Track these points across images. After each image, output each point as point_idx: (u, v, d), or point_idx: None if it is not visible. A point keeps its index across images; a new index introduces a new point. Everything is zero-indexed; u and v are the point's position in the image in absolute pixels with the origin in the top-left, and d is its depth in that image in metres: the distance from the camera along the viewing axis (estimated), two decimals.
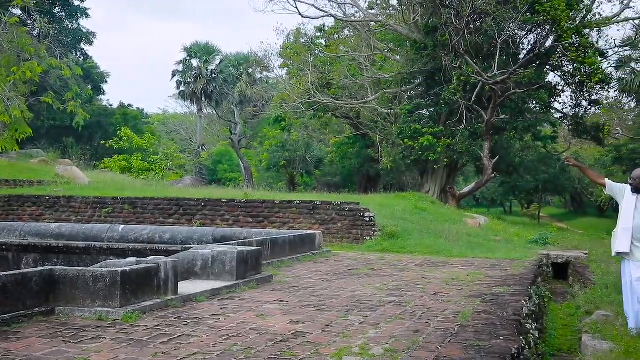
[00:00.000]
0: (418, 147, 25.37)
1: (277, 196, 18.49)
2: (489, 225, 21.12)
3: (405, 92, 29.23)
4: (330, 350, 5.12)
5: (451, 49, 24.61)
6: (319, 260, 11.80)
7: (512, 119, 27.09)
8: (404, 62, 27.94)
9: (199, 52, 52.69)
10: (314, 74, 29.63)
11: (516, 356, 5.32)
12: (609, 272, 12.18)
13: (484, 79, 23.78)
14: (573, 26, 24.60)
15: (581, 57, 24.35)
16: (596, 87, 26.21)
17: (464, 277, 9.80)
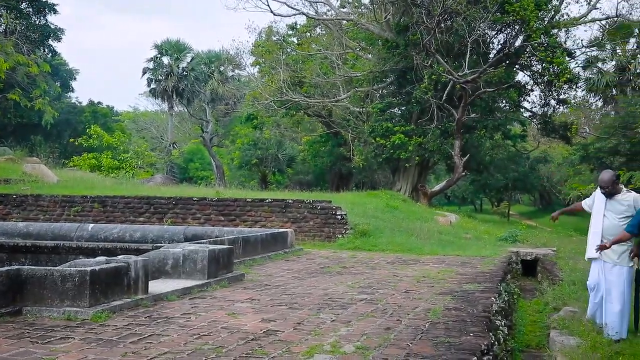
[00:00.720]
0: (390, 145, 25.49)
1: (249, 194, 18.45)
2: (459, 223, 21.31)
3: (377, 90, 29.35)
4: (301, 348, 5.12)
5: (422, 47, 24.77)
6: (291, 259, 11.79)
7: (482, 117, 27.39)
8: (376, 60, 28.03)
9: (170, 49, 52.22)
10: (286, 72, 29.58)
11: (485, 352, 5.38)
12: (577, 268, 12.38)
13: (455, 78, 23.98)
14: (542, 26, 24.93)
15: (549, 57, 24.68)
16: (564, 86, 26.60)
17: (434, 275, 9.87)
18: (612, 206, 7.23)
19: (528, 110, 31.47)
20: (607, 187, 7.22)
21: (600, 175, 7.47)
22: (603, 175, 7.40)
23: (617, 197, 7.23)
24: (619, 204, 7.21)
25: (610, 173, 7.41)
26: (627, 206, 7.15)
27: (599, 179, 7.40)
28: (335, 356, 4.90)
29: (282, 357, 4.85)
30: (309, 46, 33.05)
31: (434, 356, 4.92)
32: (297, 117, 33.85)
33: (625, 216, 7.13)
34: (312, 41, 34.09)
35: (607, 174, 7.36)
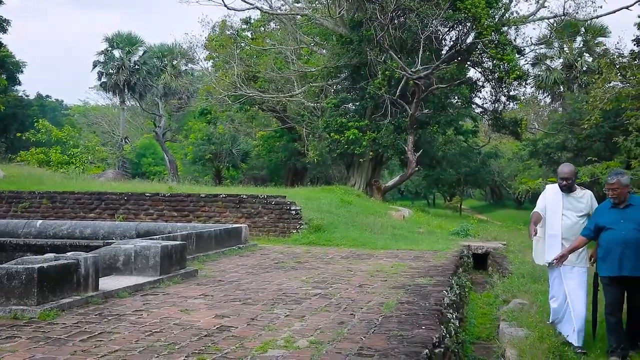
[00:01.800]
0: (344, 140, 25.60)
1: (203, 190, 18.30)
2: (413, 218, 21.54)
3: (332, 85, 29.41)
4: (255, 343, 5.11)
5: (376, 43, 24.93)
6: (245, 254, 11.74)
7: (435, 113, 27.73)
8: (330, 56, 28.08)
9: (121, 42, 51.31)
10: (240, 66, 29.39)
11: (437, 345, 5.45)
12: (525, 261, 12.67)
13: (408, 74, 24.20)
14: (492, 24, 25.37)
15: (500, 54, 25.14)
16: (514, 83, 27.15)
17: (388, 269, 9.96)
18: (571, 204, 6.89)
19: (479, 106, 32.01)
20: (569, 180, 6.84)
21: (559, 168, 7.06)
22: (563, 168, 7.02)
23: (574, 194, 6.92)
24: (578, 201, 6.91)
25: (571, 165, 7.12)
26: (585, 204, 6.89)
27: (560, 172, 6.96)
28: (289, 351, 4.90)
29: (235, 352, 4.83)
30: (263, 41, 32.92)
31: (386, 349, 4.97)
32: (251, 112, 33.72)
33: (584, 214, 6.88)
34: (266, 36, 33.97)
35: (567, 166, 7.04)
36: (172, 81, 44.69)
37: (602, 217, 6.54)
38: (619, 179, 6.36)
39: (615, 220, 6.38)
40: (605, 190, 6.52)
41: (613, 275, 6.33)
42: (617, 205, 6.45)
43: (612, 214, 6.47)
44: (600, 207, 6.77)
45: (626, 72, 20.45)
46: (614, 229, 6.35)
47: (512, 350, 6.27)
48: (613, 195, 6.43)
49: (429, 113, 27.35)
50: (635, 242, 6.21)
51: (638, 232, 6.25)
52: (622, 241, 6.24)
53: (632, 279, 6.25)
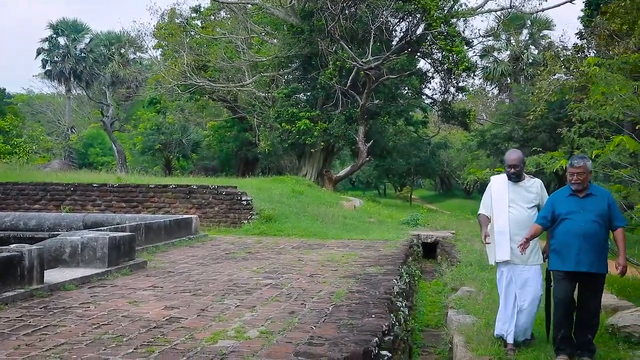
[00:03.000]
0: (295, 130, 25.57)
1: (152, 180, 18.06)
2: (364, 208, 21.71)
3: (283, 75, 29.31)
4: (205, 334, 5.08)
5: (327, 33, 24.94)
6: (196, 245, 11.65)
7: (385, 104, 27.95)
8: (281, 45, 27.95)
9: (66, 29, 49.98)
10: (190, 55, 28.99)
11: (386, 333, 5.52)
12: (473, 250, 12.93)
13: (359, 64, 24.30)
14: (442, 15, 25.66)
15: (449, 46, 25.46)
16: (463, 74, 27.53)
17: (339, 258, 10.02)
18: (519, 194, 6.19)
19: (429, 97, 32.41)
20: (517, 167, 6.16)
21: (507, 155, 6.38)
22: (510, 154, 6.34)
23: (522, 183, 6.24)
24: (527, 191, 6.23)
25: (519, 151, 6.47)
26: (535, 194, 6.22)
27: (507, 159, 6.28)
28: (240, 341, 4.89)
29: (184, 344, 4.79)
30: (214, 30, 32.53)
31: (336, 338, 5.00)
32: (201, 102, 33.32)
33: (534, 205, 6.20)
34: (216, 25, 33.56)
35: (515, 153, 6.38)
36: (120, 70, 43.75)
37: (560, 206, 5.85)
38: (586, 162, 5.75)
39: (574, 210, 5.73)
40: (568, 175, 5.83)
41: (568, 270, 5.69)
42: (577, 193, 5.78)
43: (570, 202, 5.79)
44: (557, 194, 6.04)
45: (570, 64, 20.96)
46: (571, 219, 5.70)
47: (459, 337, 6.38)
48: (577, 181, 5.73)
49: (380, 103, 27.55)
50: (594, 235, 5.62)
51: (597, 225, 5.65)
52: (580, 233, 5.62)
53: (586, 275, 5.64)
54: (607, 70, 10.50)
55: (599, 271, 5.68)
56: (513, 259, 6.08)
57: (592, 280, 5.70)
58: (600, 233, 5.67)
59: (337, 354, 4.53)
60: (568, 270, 5.70)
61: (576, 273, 5.67)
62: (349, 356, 4.53)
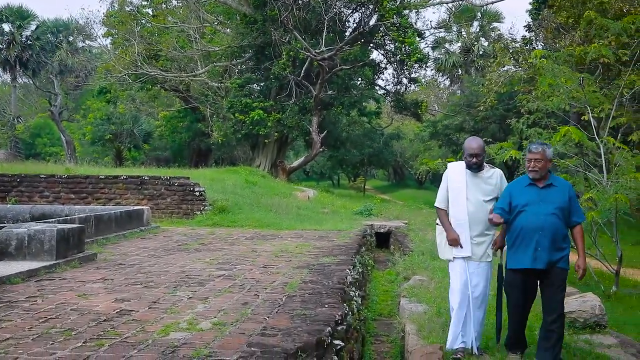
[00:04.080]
0: (249, 121, 25.43)
1: (103, 171, 17.72)
2: (317, 198, 21.78)
3: (236, 65, 29.08)
4: (156, 327, 5.02)
5: (280, 23, 24.83)
6: (147, 237, 11.50)
7: (339, 94, 28.02)
8: (234, 35, 27.73)
9: (11, 16, 48.48)
10: (141, 44, 28.48)
11: (339, 322, 5.56)
12: (426, 239, 13.12)
13: (312, 55, 24.28)
14: (394, 6, 25.80)
15: (401, 37, 25.65)
16: (415, 65, 27.83)
17: (292, 249, 10.03)
18: (477, 186, 5.70)
19: (382, 88, 32.66)
20: (480, 156, 5.65)
21: (467, 143, 5.78)
22: (471, 142, 5.76)
23: (481, 174, 5.74)
24: (485, 182, 5.74)
25: (479, 139, 5.86)
26: (494, 185, 5.74)
27: (467, 148, 5.71)
28: (192, 333, 4.85)
29: (135, 337, 4.73)
30: (165, 18, 31.99)
31: (289, 329, 5.02)
32: (153, 92, 32.80)
33: (492, 197, 5.71)
34: (168, 13, 32.99)
35: (476, 140, 5.80)
36: (68, 58, 42.68)
37: (517, 196, 5.41)
38: (544, 149, 5.34)
39: (532, 201, 5.31)
40: (526, 162, 5.44)
41: (525, 267, 5.30)
42: (537, 183, 5.36)
43: (529, 193, 5.37)
44: (515, 183, 5.62)
45: (518, 56, 21.40)
46: (529, 211, 5.28)
47: (411, 325, 6.47)
48: (534, 168, 5.32)
49: (333, 94, 27.61)
50: (553, 229, 5.22)
51: (557, 218, 5.25)
52: (538, 227, 5.21)
53: (546, 272, 5.27)
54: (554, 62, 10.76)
55: (559, 266, 5.25)
56: (476, 253, 5.67)
57: (553, 277, 5.26)
58: (560, 227, 5.27)
59: (290, 344, 4.55)
60: (524, 267, 5.28)
61: (534, 270, 5.27)
62: (301, 346, 4.54)
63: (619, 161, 10.32)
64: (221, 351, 4.37)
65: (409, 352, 5.75)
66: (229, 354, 4.31)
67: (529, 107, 12.15)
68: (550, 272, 5.26)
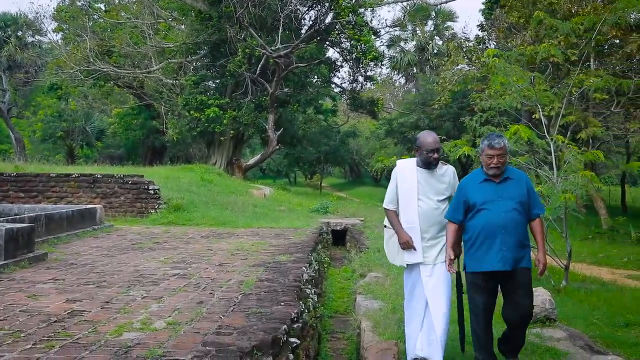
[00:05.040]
0: (204, 118, 25.20)
1: (54, 169, 17.33)
2: (274, 196, 21.74)
3: (191, 62, 28.79)
4: (109, 327, 4.94)
5: (236, 20, 24.68)
6: (100, 236, 11.30)
7: (295, 92, 28.02)
8: (189, 32, 27.45)
9: None
10: (93, 40, 27.95)
11: (295, 320, 5.56)
12: (381, 236, 13.13)
13: (268, 52, 24.21)
14: (350, 4, 25.88)
15: (357, 35, 25.76)
16: (370, 63, 27.98)
17: (248, 247, 9.99)
18: (430, 184, 5.22)
19: (338, 86, 32.73)
20: (440, 150, 5.20)
21: (423, 139, 5.22)
22: (427, 137, 5.22)
23: (434, 172, 5.24)
24: (439, 181, 5.25)
25: (434, 133, 5.32)
26: (447, 183, 5.26)
27: (424, 143, 5.16)
28: (145, 333, 4.79)
29: (87, 337, 4.65)
30: (118, 14, 31.48)
31: (245, 327, 4.99)
32: (106, 88, 32.24)
33: (446, 197, 5.25)
34: (121, 9, 32.50)
35: (432, 135, 5.26)
36: (17, 53, 41.61)
37: (474, 194, 4.94)
38: (505, 142, 4.91)
39: (491, 198, 4.87)
40: (486, 158, 4.90)
41: (490, 270, 4.82)
42: (493, 179, 4.91)
43: (485, 189, 4.92)
44: (468, 180, 5.10)
45: (472, 55, 21.74)
46: (489, 209, 4.84)
47: (367, 322, 6.51)
48: (497, 164, 4.86)
49: (290, 92, 27.58)
50: (515, 226, 4.82)
51: (518, 213, 4.84)
52: (500, 225, 4.78)
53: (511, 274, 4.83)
54: (506, 61, 10.94)
55: (524, 265, 4.84)
56: (424, 259, 5.21)
57: (518, 277, 4.84)
58: (521, 222, 4.87)
59: (246, 343, 4.53)
60: (490, 270, 4.81)
61: (499, 273, 4.82)
62: (257, 344, 4.53)
63: (568, 159, 10.56)
64: (175, 351, 4.32)
65: (364, 349, 5.78)
66: (184, 353, 4.27)
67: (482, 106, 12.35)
68: (514, 273, 4.81)
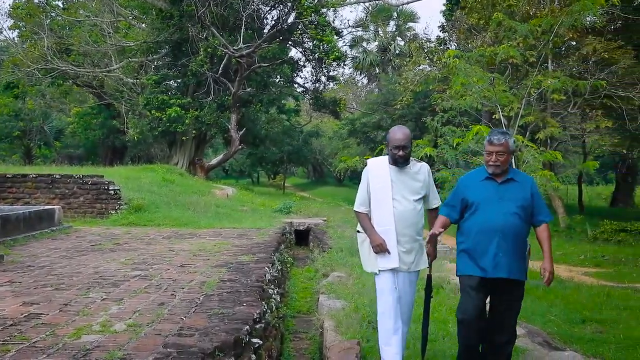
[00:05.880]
0: (166, 118, 24.95)
1: (10, 169, 16.98)
2: (237, 196, 21.65)
3: (152, 61, 28.46)
4: (68, 330, 4.85)
5: (197, 19, 24.50)
6: (59, 237, 11.10)
7: (258, 92, 27.92)
8: (150, 30, 27.12)
9: None
10: (51, 38, 27.39)
11: (258, 320, 5.54)
12: (344, 236, 13.27)
13: (230, 52, 24.09)
14: (312, 4, 25.93)
15: (320, 35, 25.82)
16: (333, 63, 28.11)
17: (211, 248, 9.92)
18: (404, 183, 4.89)
19: (301, 86, 32.77)
20: (407, 148, 4.83)
21: (392, 134, 4.90)
22: (396, 133, 4.88)
23: (408, 169, 4.93)
24: (413, 179, 4.93)
25: (405, 128, 4.98)
26: (422, 182, 4.94)
27: (392, 139, 4.86)
28: (105, 336, 4.72)
29: (45, 341, 4.55)
30: (77, 12, 30.92)
31: (207, 328, 4.96)
32: (65, 87, 31.65)
33: (421, 197, 4.93)
34: (79, 6, 31.93)
35: (402, 130, 4.93)
36: None
37: (472, 193, 4.67)
38: (507, 139, 4.58)
39: (491, 198, 4.58)
40: (486, 155, 4.64)
41: (482, 276, 4.52)
42: (495, 178, 4.63)
43: (486, 188, 4.63)
44: (468, 178, 4.86)
45: (433, 56, 21.95)
46: (487, 210, 4.55)
47: (330, 321, 6.52)
48: (496, 162, 4.57)
49: (252, 91, 27.48)
50: (514, 232, 4.50)
51: (519, 218, 4.52)
52: (498, 228, 4.48)
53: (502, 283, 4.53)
54: (466, 62, 11.08)
55: (520, 278, 4.55)
56: (400, 266, 4.85)
57: (510, 290, 4.55)
58: (522, 228, 4.54)
59: (208, 344, 4.50)
60: (483, 276, 4.51)
61: (491, 280, 4.51)
62: (219, 345, 4.50)
63: (527, 158, 10.76)
64: (136, 353, 4.27)
65: (327, 348, 5.79)
66: (144, 355, 4.21)
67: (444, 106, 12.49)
68: (507, 284, 4.52)
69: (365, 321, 6.26)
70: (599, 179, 50.90)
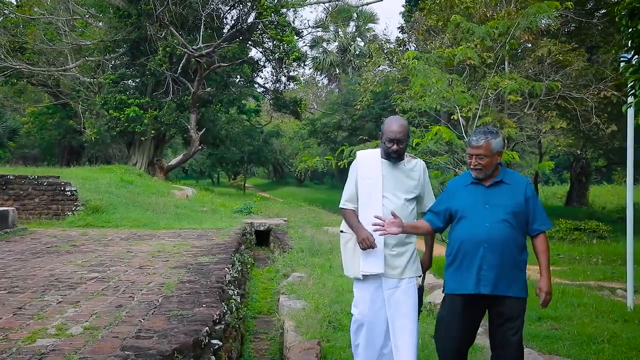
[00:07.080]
0: (124, 118, 24.61)
1: None
2: (196, 197, 21.47)
3: (109, 60, 28.05)
4: (22, 334, 4.75)
5: (156, 18, 24.22)
6: (13, 239, 10.86)
7: (218, 92, 27.76)
8: (107, 29, 26.72)
9: None
10: (4, 35, 26.79)
11: (217, 322, 5.50)
12: (304, 236, 13.29)
13: (190, 51, 23.90)
14: (272, 4, 25.89)
15: (280, 35, 25.77)
16: (293, 64, 28.05)
17: (170, 249, 9.83)
18: (397, 180, 4.39)
19: (261, 86, 32.68)
20: (403, 142, 4.33)
21: (387, 125, 4.38)
22: (392, 124, 4.36)
23: (402, 165, 4.43)
24: (407, 176, 4.42)
25: (403, 120, 4.45)
26: (417, 180, 4.43)
27: (387, 130, 4.34)
28: (61, 339, 4.63)
29: None
30: (31, 9, 30.28)
31: (166, 330, 4.90)
32: (19, 86, 30.99)
33: (415, 196, 4.43)
34: (34, 4, 31.27)
35: (399, 121, 4.40)
36: None
37: (457, 199, 4.14)
38: (489, 140, 4.00)
39: (476, 205, 4.02)
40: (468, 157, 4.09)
41: (465, 293, 3.97)
42: (482, 182, 4.09)
43: (471, 194, 4.09)
44: (454, 182, 4.34)
45: (393, 57, 22.13)
46: (470, 218, 4.01)
47: (290, 322, 6.51)
48: (476, 166, 4.02)
49: (212, 91, 27.31)
50: (503, 241, 3.91)
51: (508, 226, 3.93)
52: (483, 239, 3.92)
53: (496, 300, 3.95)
54: (425, 63, 11.18)
55: (514, 294, 3.92)
56: (386, 271, 4.32)
57: (505, 310, 3.95)
58: (512, 238, 3.93)
59: (166, 346, 4.45)
60: (465, 292, 3.96)
61: (476, 297, 3.96)
62: (178, 347, 4.46)
63: None
64: (93, 356, 4.19)
65: (287, 349, 5.79)
66: (101, 359, 4.14)
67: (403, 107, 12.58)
68: (502, 302, 3.94)
69: (326, 321, 6.27)
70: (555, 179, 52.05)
